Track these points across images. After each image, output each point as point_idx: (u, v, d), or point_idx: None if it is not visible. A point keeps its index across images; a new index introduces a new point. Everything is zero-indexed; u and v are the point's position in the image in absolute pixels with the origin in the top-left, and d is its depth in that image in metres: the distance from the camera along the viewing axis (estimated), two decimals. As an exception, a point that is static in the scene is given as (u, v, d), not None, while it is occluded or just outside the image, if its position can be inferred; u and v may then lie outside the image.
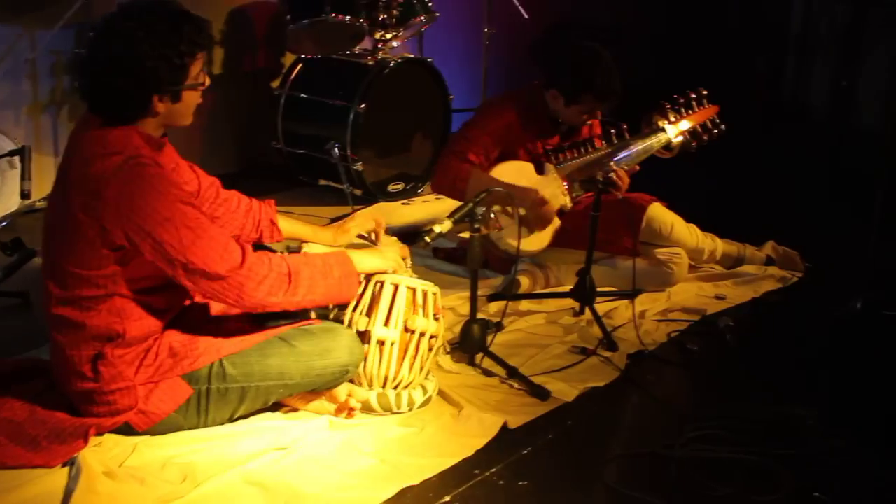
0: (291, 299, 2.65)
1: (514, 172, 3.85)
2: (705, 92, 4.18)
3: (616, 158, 3.92)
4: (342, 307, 2.98)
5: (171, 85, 2.55)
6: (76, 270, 2.55)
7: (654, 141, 4.06)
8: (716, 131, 4.15)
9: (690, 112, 4.14)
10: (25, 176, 3.98)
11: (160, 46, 2.49)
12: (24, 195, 4.01)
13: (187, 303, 2.84)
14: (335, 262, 2.77)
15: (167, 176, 2.57)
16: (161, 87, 2.53)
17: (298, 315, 2.99)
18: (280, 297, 2.63)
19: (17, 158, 4.20)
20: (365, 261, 2.90)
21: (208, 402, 2.71)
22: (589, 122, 4.11)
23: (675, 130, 4.09)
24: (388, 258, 2.99)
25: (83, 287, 2.57)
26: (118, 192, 2.47)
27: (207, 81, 2.67)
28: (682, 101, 4.14)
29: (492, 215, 3.29)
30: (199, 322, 2.80)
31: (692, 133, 4.13)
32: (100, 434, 2.67)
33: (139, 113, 2.56)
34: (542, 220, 3.84)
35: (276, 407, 2.92)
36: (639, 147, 4.02)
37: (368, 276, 2.97)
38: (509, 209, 3.72)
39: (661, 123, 4.09)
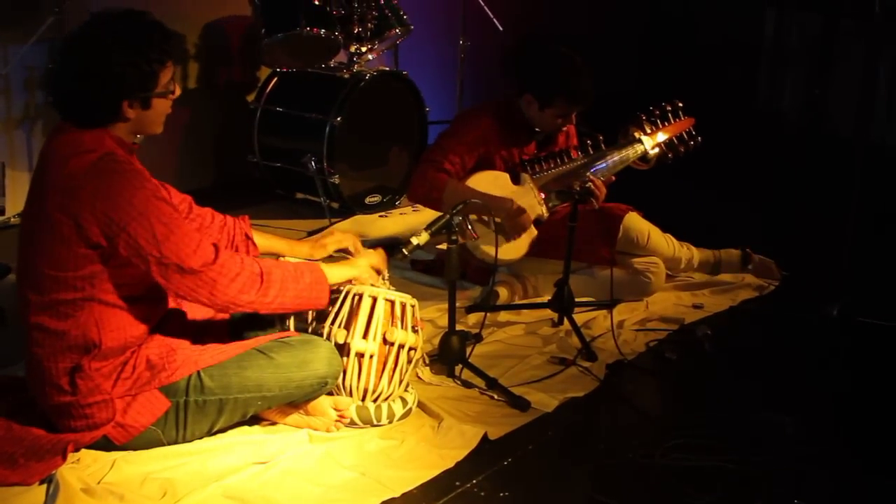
0: (262, 299, 2.66)
1: (490, 182, 3.86)
2: (681, 104, 4.22)
3: (592, 169, 3.94)
4: (320, 320, 2.98)
5: (141, 91, 2.57)
6: (53, 272, 2.55)
7: (631, 152, 4.09)
8: (692, 143, 4.20)
9: (666, 124, 4.18)
10: (0, 192, 3.95)
11: (129, 53, 2.52)
12: (-1, 211, 3.99)
13: (164, 313, 2.82)
14: (306, 268, 2.80)
15: (141, 172, 2.59)
16: (130, 92, 2.55)
17: (277, 327, 2.98)
18: (252, 295, 2.64)
19: (-9, 175, 4.17)
20: (335, 271, 2.91)
21: (186, 415, 2.70)
22: (564, 131, 4.12)
23: (651, 142, 4.12)
24: (359, 266, 3.00)
25: (60, 290, 2.56)
26: (94, 187, 2.48)
27: (178, 91, 2.69)
28: (657, 112, 4.18)
29: (468, 225, 3.29)
30: (176, 334, 2.78)
31: (668, 145, 4.16)
32: (77, 450, 2.65)
33: (109, 118, 2.58)
34: (519, 229, 3.85)
35: (255, 421, 2.90)
36: (615, 158, 4.04)
37: (347, 290, 2.96)
38: (485, 218, 3.72)
39: (637, 135, 4.12)
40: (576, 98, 3.86)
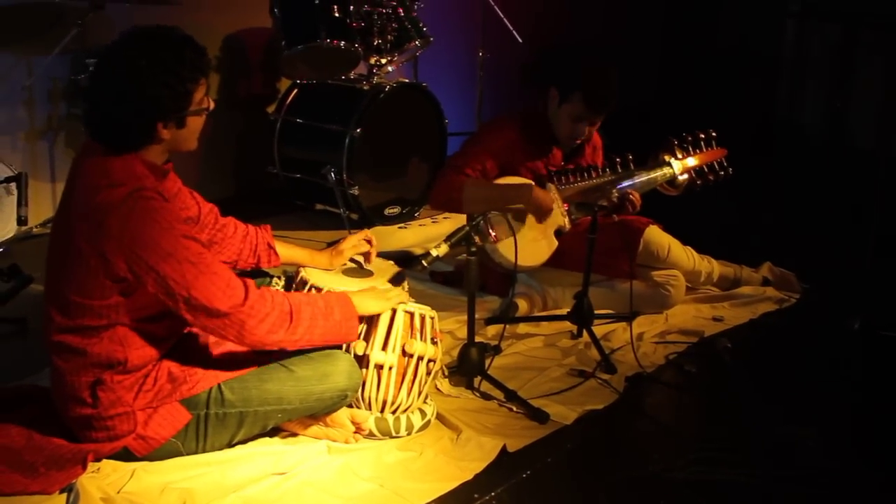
0: (291, 338, 2.65)
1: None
2: (714, 134, 4.23)
3: (619, 186, 3.93)
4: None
5: (176, 112, 2.55)
6: (78, 300, 2.55)
7: (659, 175, 4.09)
8: (722, 173, 4.21)
9: (698, 151, 4.19)
10: (22, 202, 3.99)
11: (163, 74, 2.48)
12: (21, 221, 4.02)
13: (186, 329, 2.83)
14: (336, 303, 2.76)
15: (171, 210, 2.56)
16: (165, 114, 2.53)
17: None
18: (280, 335, 2.63)
19: (13, 185, 4.20)
20: (368, 304, 2.87)
21: (207, 428, 2.70)
22: (592, 144, 4.09)
23: (680, 167, 4.12)
24: (389, 300, 2.94)
25: (85, 316, 2.56)
26: (121, 224, 2.46)
27: (212, 105, 2.67)
28: (690, 139, 4.19)
29: (489, 227, 3.28)
30: (197, 347, 2.80)
31: (698, 172, 4.17)
32: (98, 460, 2.66)
33: (143, 141, 2.56)
34: (541, 212, 3.84)
35: (274, 432, 2.91)
36: (642, 178, 4.03)
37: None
38: (509, 217, 3.68)
39: (667, 158, 4.12)
40: (592, 99, 3.79)
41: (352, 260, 3.24)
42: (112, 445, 2.64)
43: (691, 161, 4.16)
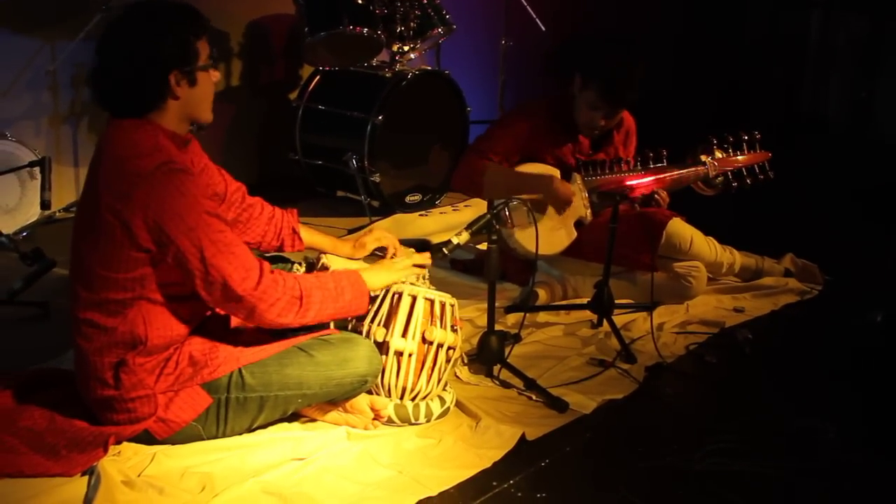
0: (300, 320, 2.69)
1: (538, 172, 3.85)
2: (758, 136, 4.11)
3: (633, 183, 3.90)
4: (360, 318, 2.98)
5: (185, 64, 2.59)
6: (104, 273, 2.58)
7: (692, 174, 4.02)
8: (762, 177, 4.10)
9: (738, 153, 4.09)
10: (46, 186, 4.01)
11: (167, 25, 2.56)
12: (45, 205, 4.04)
13: (208, 313, 2.85)
14: (347, 284, 2.79)
15: (197, 184, 2.60)
16: (174, 64, 2.57)
17: (317, 325, 2.99)
18: (290, 318, 2.66)
19: (37, 169, 4.23)
20: (377, 278, 2.91)
21: (227, 412, 2.72)
22: (624, 131, 4.06)
23: (715, 168, 4.05)
24: (398, 269, 2.99)
25: (110, 289, 2.59)
26: (147, 195, 2.50)
27: (217, 74, 2.72)
28: (732, 140, 4.09)
29: (508, 213, 3.27)
30: (218, 331, 2.81)
31: (736, 174, 4.07)
32: (119, 443, 2.68)
33: (159, 97, 2.59)
34: (560, 204, 3.82)
35: (294, 417, 2.92)
36: (673, 175, 3.98)
37: (387, 288, 2.97)
38: (528, 205, 3.67)
39: (704, 158, 4.05)
40: (609, 90, 3.74)
41: (377, 249, 3.25)
42: (133, 428, 2.65)
43: (731, 162, 4.06)
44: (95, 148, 2.68)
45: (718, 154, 4.06)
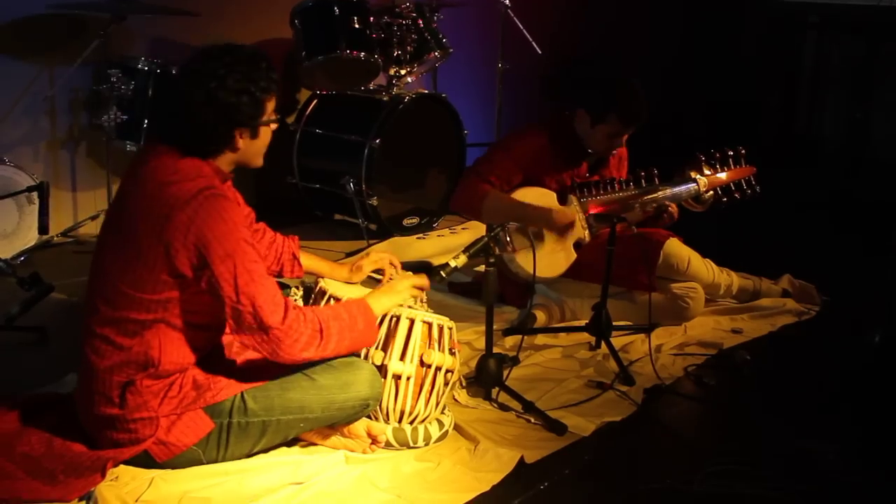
0: (321, 354, 2.70)
1: (536, 198, 3.86)
2: (744, 151, 4.20)
3: (642, 201, 3.94)
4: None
5: (251, 119, 2.63)
6: (130, 291, 2.58)
7: (684, 191, 4.08)
8: (749, 192, 4.19)
9: (726, 168, 4.17)
10: (44, 211, 4.00)
11: (243, 81, 2.59)
12: (43, 230, 4.04)
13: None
14: (358, 312, 2.79)
15: (238, 212, 2.64)
16: (243, 121, 2.61)
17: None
18: (311, 352, 2.67)
19: (35, 194, 4.23)
20: (381, 303, 2.92)
21: (229, 436, 2.71)
22: (616, 154, 4.12)
23: (706, 184, 4.10)
24: (400, 291, 2.99)
25: (133, 309, 2.59)
26: (189, 218, 2.52)
27: (277, 125, 2.74)
28: (718, 156, 4.17)
29: (507, 237, 3.29)
30: (221, 356, 2.81)
31: (724, 190, 4.15)
32: (117, 465, 2.67)
33: (222, 147, 2.64)
34: (562, 231, 3.85)
35: (293, 442, 2.91)
36: (666, 194, 4.02)
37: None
38: (529, 230, 3.69)
39: (693, 175, 4.11)
40: (628, 117, 3.83)
41: (370, 277, 3.25)
42: (132, 450, 2.65)
43: (718, 178, 4.13)
44: (129, 168, 2.71)
45: (706, 170, 4.12)
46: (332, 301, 2.96)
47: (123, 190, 2.69)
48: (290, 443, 2.90)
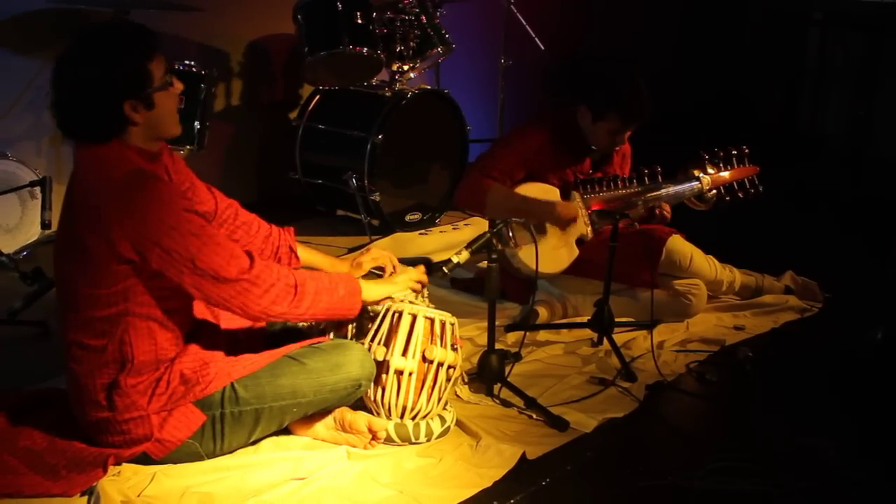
0: (294, 311, 2.68)
1: (539, 193, 3.86)
2: (747, 150, 4.20)
3: (645, 198, 3.94)
4: (360, 336, 2.99)
5: (137, 90, 2.56)
6: (88, 290, 2.57)
7: (687, 189, 4.08)
8: (752, 191, 4.19)
9: (729, 167, 4.17)
10: (46, 206, 4.01)
11: (115, 55, 2.53)
12: (45, 225, 4.05)
13: (194, 326, 2.84)
14: (341, 281, 2.81)
15: (169, 186, 2.61)
16: (126, 94, 2.54)
17: (312, 334, 2.99)
18: (284, 306, 2.65)
19: (38, 189, 4.24)
20: (375, 288, 2.93)
21: (223, 427, 2.71)
22: (620, 151, 4.12)
23: (709, 183, 4.10)
24: (397, 283, 3.01)
25: (95, 307, 2.58)
26: (121, 204, 2.49)
27: (179, 85, 2.68)
28: (721, 154, 4.17)
29: (510, 233, 3.29)
30: (209, 347, 2.79)
31: (727, 188, 4.15)
32: (119, 463, 2.67)
33: (116, 126, 2.57)
34: (565, 225, 3.85)
35: (294, 438, 2.92)
36: (669, 191, 4.02)
37: (387, 307, 2.97)
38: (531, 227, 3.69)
39: (696, 173, 4.11)
40: (629, 115, 3.83)
41: (371, 273, 3.26)
42: (131, 451, 2.65)
43: (721, 177, 4.13)
44: (71, 173, 2.67)
45: (710, 169, 4.11)
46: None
47: (66, 193, 2.67)
48: (291, 439, 2.90)
